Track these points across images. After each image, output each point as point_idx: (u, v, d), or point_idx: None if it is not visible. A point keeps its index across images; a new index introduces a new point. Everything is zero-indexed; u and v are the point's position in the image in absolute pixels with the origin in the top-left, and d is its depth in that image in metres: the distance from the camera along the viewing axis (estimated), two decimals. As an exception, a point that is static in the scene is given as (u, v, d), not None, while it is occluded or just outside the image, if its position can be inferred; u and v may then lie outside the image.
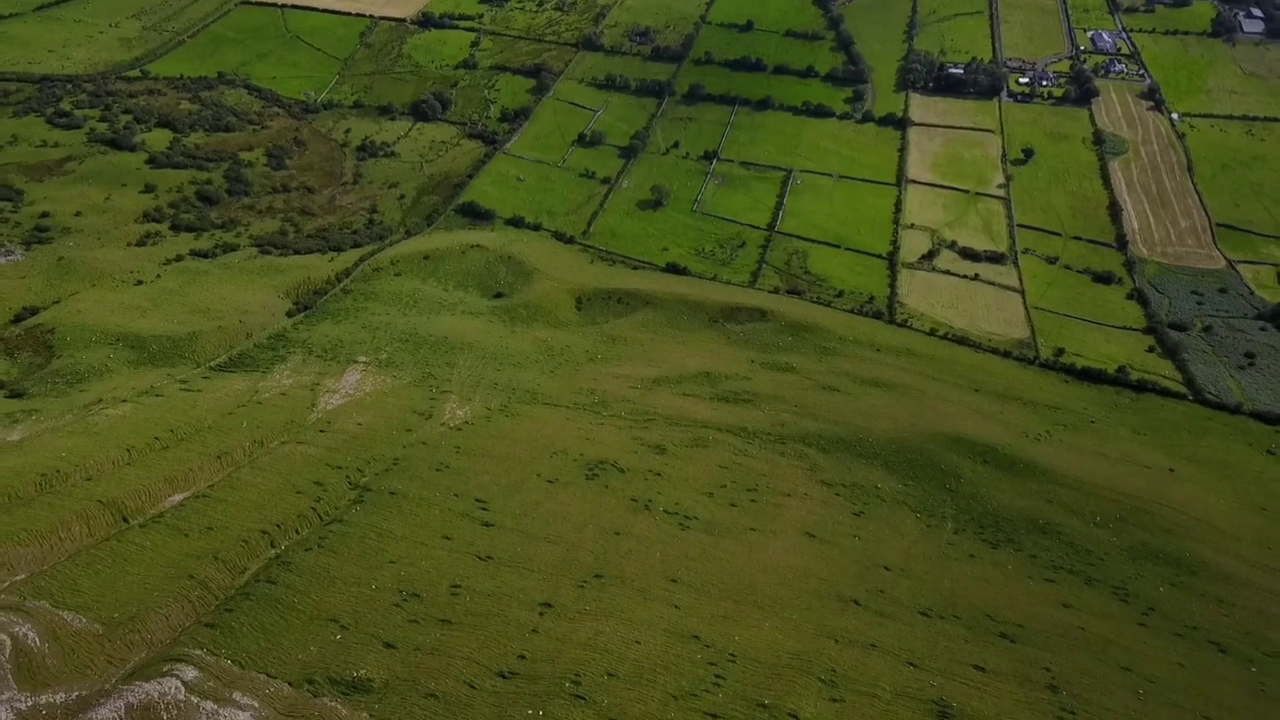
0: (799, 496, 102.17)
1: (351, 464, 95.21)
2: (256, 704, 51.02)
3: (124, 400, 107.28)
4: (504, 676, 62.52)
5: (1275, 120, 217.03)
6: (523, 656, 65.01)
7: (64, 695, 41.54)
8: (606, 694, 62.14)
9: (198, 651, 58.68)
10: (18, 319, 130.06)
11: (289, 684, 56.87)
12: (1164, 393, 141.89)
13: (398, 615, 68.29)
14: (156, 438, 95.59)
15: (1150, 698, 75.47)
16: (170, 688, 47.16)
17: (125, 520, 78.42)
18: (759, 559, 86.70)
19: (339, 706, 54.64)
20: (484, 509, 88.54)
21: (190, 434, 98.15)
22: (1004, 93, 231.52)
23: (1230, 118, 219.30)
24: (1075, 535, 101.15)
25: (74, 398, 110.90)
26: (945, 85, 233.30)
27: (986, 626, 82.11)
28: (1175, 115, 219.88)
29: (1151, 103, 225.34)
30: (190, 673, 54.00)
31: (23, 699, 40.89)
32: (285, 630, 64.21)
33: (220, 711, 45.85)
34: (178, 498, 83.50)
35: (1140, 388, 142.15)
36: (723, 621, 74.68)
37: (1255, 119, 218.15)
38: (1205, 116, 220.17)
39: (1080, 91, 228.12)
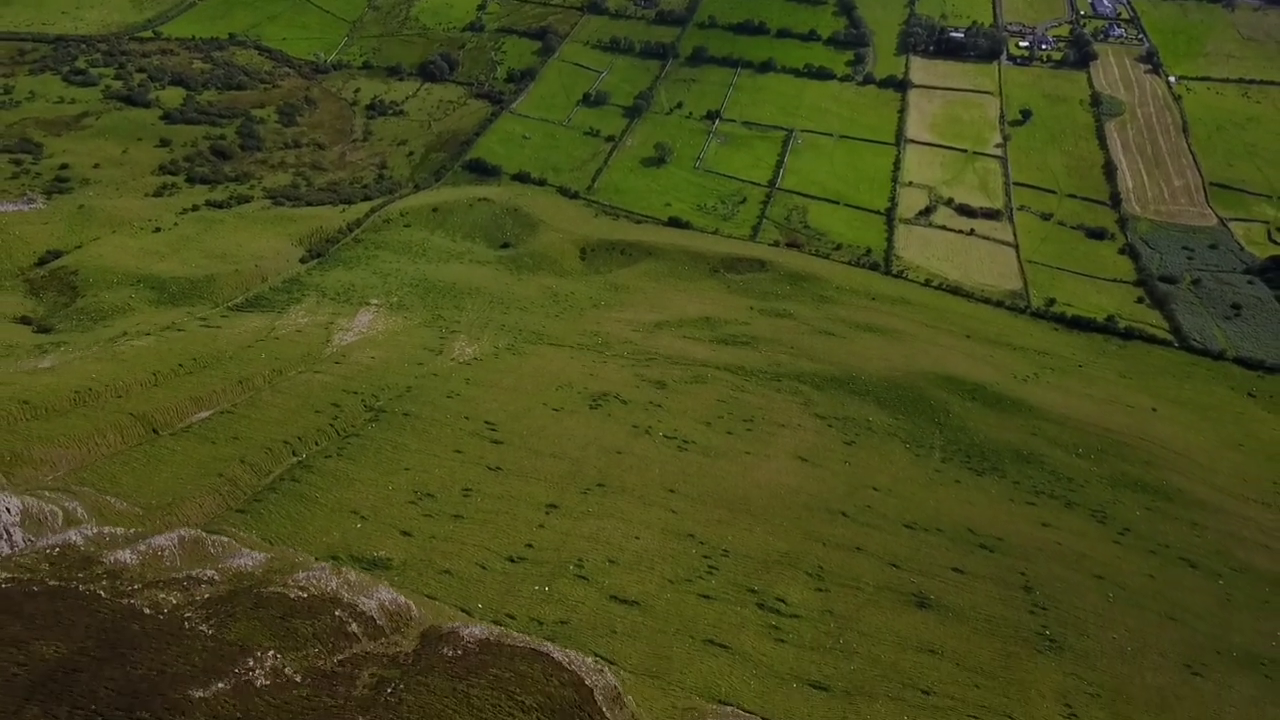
0: (793, 427, 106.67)
1: (366, 390, 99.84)
2: (287, 567, 55.90)
3: (147, 334, 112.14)
4: (512, 561, 67.49)
5: (1271, 83, 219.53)
6: (530, 545, 69.97)
7: (123, 530, 46.42)
8: (607, 576, 67.14)
9: (230, 529, 63.86)
10: (42, 261, 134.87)
11: (314, 558, 61.89)
12: (1151, 340, 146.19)
13: (413, 510, 73.25)
14: (180, 365, 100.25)
15: (1119, 601, 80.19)
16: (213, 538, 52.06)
17: (155, 431, 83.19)
18: (752, 477, 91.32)
19: (363, 576, 59.60)
20: (493, 430, 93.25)
21: (212, 362, 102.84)
22: (1003, 56, 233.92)
23: (1227, 81, 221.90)
24: (1058, 465, 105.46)
25: (99, 332, 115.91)
26: (945, 49, 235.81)
27: (967, 539, 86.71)
28: (1172, 78, 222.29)
29: (1149, 66, 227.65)
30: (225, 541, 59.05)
31: (89, 527, 45.71)
32: (310, 519, 69.25)
33: (256, 556, 50.79)
34: (203, 414, 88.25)
35: (1128, 335, 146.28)
36: (717, 525, 79.50)
37: (1252, 82, 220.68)
38: (1202, 79, 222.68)
39: (1079, 55, 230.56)
